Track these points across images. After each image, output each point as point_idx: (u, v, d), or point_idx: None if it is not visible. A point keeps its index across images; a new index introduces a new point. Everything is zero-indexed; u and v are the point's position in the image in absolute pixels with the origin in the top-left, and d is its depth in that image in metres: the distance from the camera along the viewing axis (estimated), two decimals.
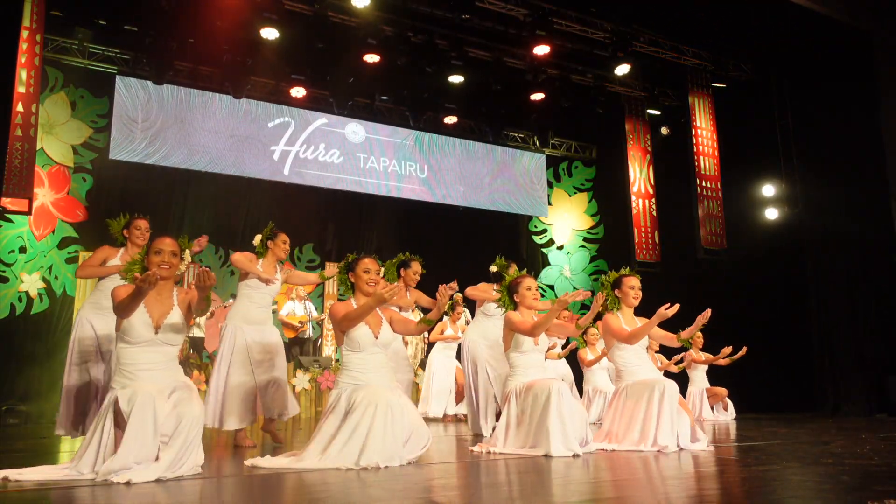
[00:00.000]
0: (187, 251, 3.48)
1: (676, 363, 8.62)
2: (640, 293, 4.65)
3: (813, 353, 9.12)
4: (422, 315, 4.28)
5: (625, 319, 4.63)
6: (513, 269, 5.34)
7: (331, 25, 9.24)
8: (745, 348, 7.87)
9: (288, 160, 10.79)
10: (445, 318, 7.40)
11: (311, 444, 3.62)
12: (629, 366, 4.56)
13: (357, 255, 4.03)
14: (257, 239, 5.15)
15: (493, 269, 5.65)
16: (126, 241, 4.96)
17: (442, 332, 8.10)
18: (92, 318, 5.17)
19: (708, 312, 4.53)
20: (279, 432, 5.18)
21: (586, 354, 7.90)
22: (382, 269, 4.07)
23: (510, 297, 4.53)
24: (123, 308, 3.18)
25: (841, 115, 9.12)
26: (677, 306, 4.26)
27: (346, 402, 3.65)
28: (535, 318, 4.44)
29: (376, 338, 3.80)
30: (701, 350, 8.74)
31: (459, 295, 6.20)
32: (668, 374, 8.51)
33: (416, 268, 5.56)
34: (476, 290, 5.78)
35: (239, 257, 5.05)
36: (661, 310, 4.23)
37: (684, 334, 4.71)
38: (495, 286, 5.69)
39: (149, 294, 3.21)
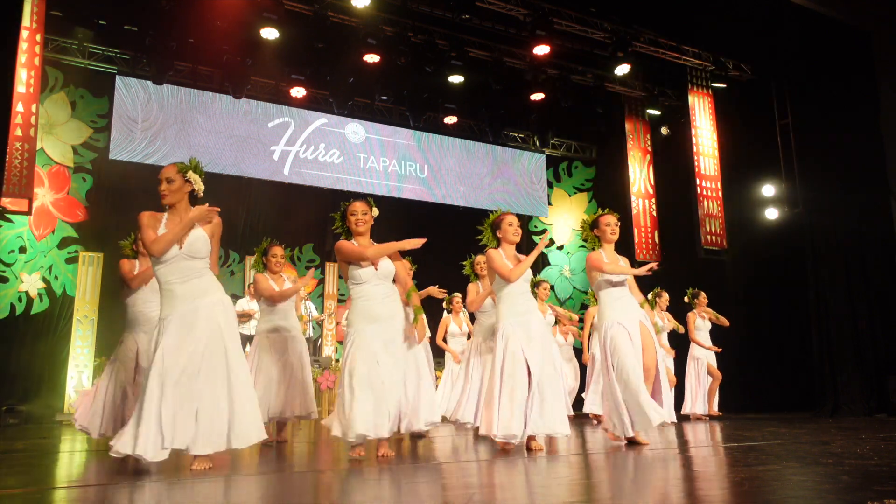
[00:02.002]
0: (191, 172, 3.88)
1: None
2: (617, 229, 4.97)
3: (813, 353, 9.11)
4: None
5: (607, 255, 4.87)
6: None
7: (331, 25, 9.24)
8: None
9: (288, 160, 10.79)
10: (446, 314, 7.40)
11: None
12: (610, 299, 4.78)
13: (348, 203, 4.42)
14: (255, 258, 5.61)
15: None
16: (137, 253, 5.34)
17: (446, 330, 7.84)
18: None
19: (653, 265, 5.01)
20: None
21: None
22: (372, 209, 4.43)
23: (493, 234, 4.72)
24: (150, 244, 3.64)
25: (841, 115, 9.11)
26: (654, 264, 4.93)
27: (349, 346, 3.95)
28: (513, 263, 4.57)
29: (376, 269, 4.10)
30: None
31: (457, 295, 6.29)
32: (672, 335, 8.21)
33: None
34: (474, 300, 5.85)
35: (255, 288, 5.52)
36: (644, 269, 4.79)
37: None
38: (479, 284, 5.94)
39: (171, 220, 3.68)
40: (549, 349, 4.38)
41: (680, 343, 8.36)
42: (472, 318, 6.48)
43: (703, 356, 8.31)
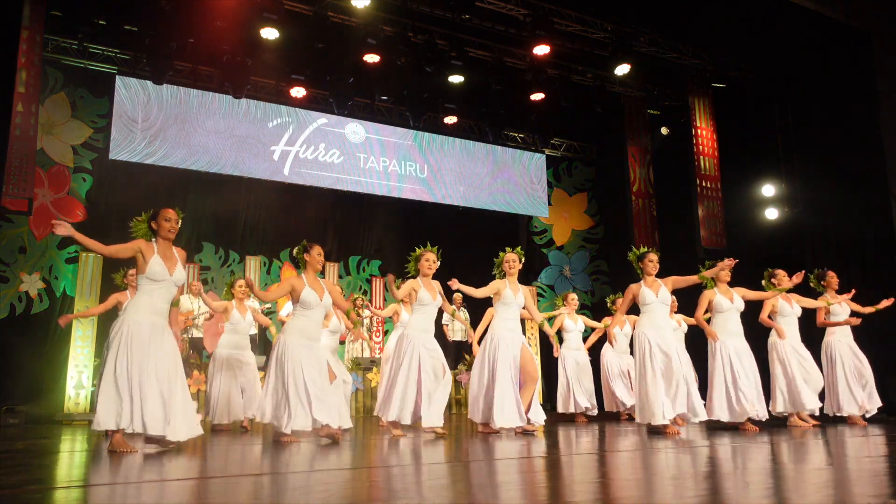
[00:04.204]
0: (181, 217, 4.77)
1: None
2: (515, 264, 5.97)
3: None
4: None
5: (510, 286, 5.96)
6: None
7: (331, 25, 9.24)
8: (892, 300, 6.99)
9: (288, 160, 10.78)
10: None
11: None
12: (503, 316, 5.94)
13: (309, 244, 5.35)
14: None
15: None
16: (128, 286, 6.54)
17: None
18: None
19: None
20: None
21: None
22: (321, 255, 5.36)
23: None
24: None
25: (841, 115, 9.11)
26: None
27: (279, 355, 4.99)
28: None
29: (321, 300, 5.14)
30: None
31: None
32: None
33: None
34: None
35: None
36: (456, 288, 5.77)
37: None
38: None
39: (162, 251, 4.51)
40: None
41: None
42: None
43: (844, 344, 7.06)
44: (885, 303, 7.09)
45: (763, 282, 7.02)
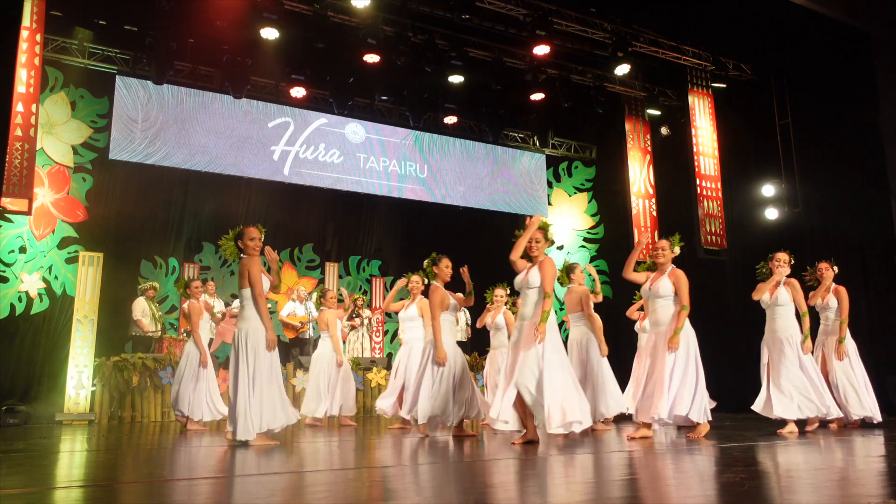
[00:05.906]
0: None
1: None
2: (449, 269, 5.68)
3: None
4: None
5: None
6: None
7: (331, 25, 9.24)
8: None
9: (288, 160, 10.79)
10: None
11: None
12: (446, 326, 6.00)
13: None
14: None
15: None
16: (189, 295, 7.09)
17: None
18: None
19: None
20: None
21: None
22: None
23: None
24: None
25: (841, 114, 9.11)
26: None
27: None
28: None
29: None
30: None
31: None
32: None
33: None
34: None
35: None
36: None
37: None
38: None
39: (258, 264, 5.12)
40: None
41: None
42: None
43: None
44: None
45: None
